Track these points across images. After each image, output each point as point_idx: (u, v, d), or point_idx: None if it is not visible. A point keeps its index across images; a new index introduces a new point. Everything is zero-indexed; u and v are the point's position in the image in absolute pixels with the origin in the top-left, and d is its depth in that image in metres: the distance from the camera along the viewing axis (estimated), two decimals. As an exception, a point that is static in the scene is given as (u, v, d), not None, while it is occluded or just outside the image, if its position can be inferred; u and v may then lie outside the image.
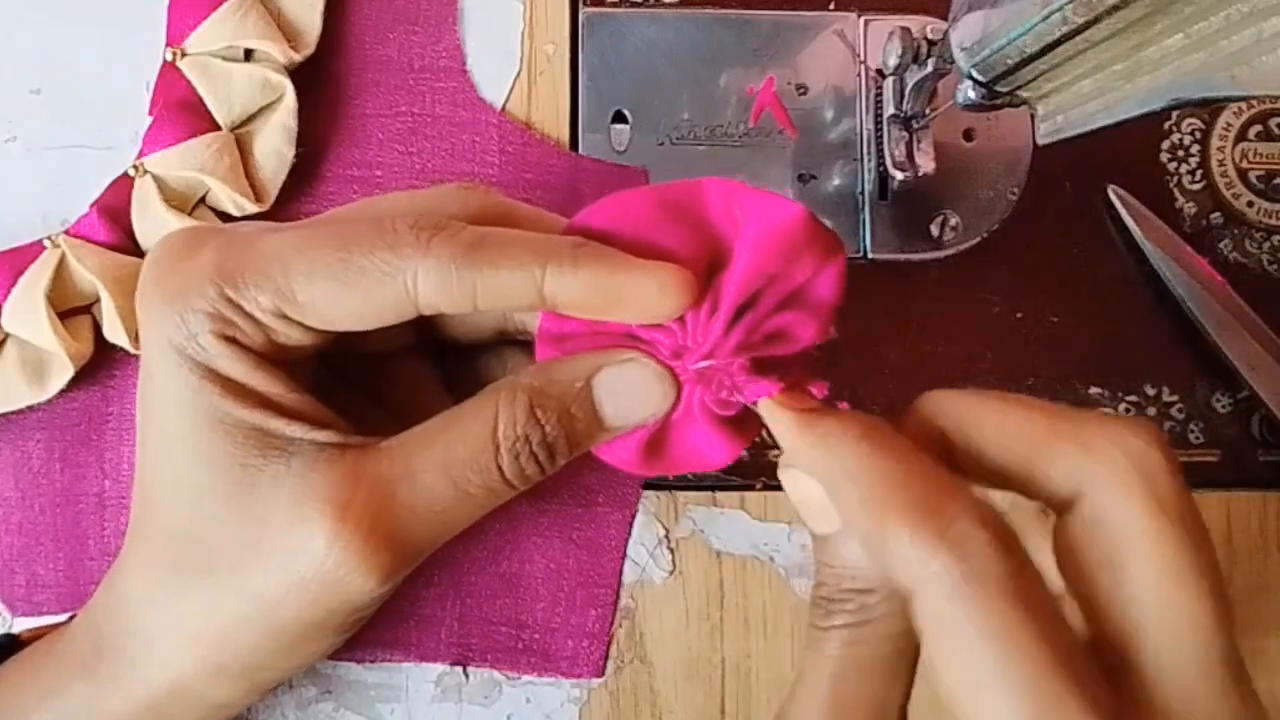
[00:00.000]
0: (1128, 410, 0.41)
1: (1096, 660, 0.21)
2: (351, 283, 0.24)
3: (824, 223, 0.26)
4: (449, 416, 0.27)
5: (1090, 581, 0.22)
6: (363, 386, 0.31)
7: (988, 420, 0.24)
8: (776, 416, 0.24)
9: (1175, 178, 0.42)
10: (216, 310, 0.25)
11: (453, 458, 0.26)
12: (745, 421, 0.27)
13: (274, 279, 0.25)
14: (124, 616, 0.28)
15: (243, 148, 0.38)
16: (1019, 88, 0.29)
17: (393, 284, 0.24)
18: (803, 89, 0.41)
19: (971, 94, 0.30)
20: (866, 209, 0.41)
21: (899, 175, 0.38)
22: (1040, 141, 0.30)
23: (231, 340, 0.25)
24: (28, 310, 0.35)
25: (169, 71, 0.37)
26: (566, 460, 0.27)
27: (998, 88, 0.30)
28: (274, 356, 0.26)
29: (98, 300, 0.36)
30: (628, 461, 0.28)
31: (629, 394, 0.26)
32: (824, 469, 0.23)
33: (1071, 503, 0.22)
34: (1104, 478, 0.22)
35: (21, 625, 0.32)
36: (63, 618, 0.33)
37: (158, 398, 0.26)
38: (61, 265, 0.36)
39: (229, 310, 0.25)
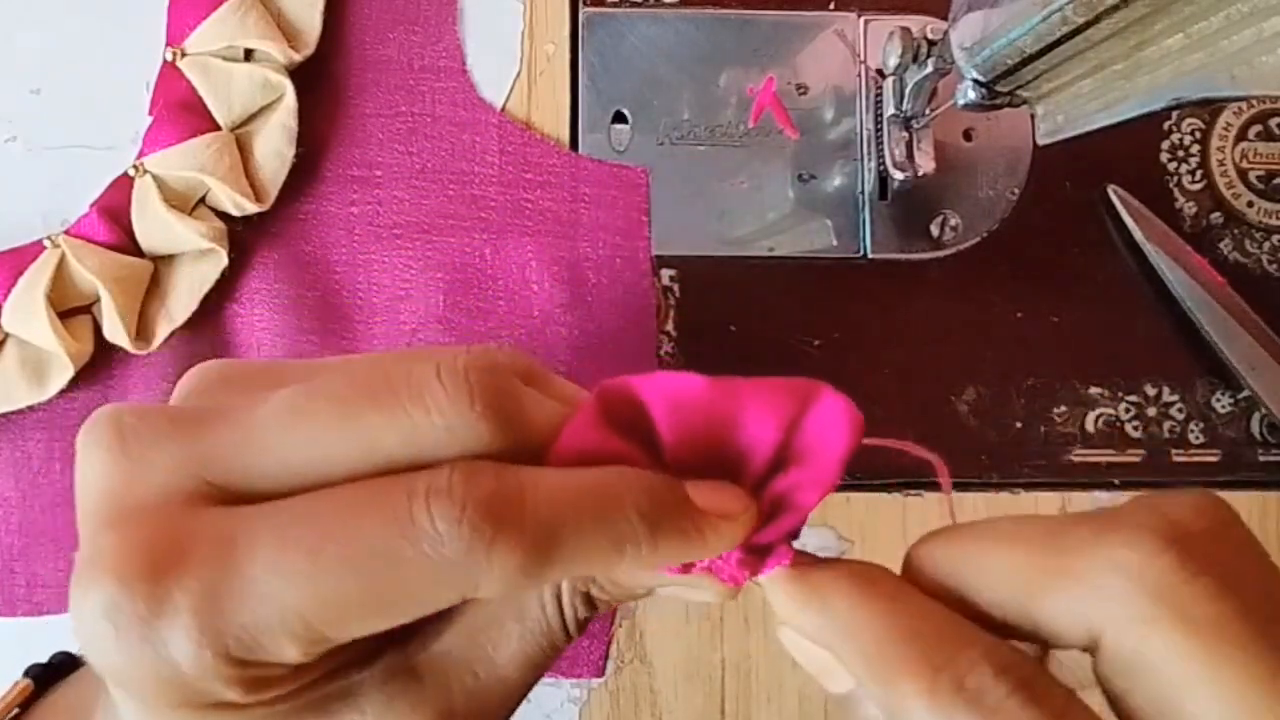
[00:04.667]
0: (1127, 410, 0.41)
1: None
2: (389, 612, 0.19)
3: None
4: (506, 606, 0.23)
5: None
6: None
7: (972, 571, 0.21)
8: (764, 579, 0.22)
9: (1175, 178, 0.42)
10: (230, 675, 0.19)
11: (530, 647, 0.23)
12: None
13: (293, 631, 0.19)
14: None
15: (243, 148, 0.38)
16: (1019, 88, 0.29)
17: (445, 599, 0.20)
18: (803, 89, 0.41)
19: (971, 94, 0.30)
20: (866, 209, 0.41)
21: (899, 175, 0.38)
22: (1040, 141, 0.30)
23: (258, 681, 0.20)
24: (28, 310, 0.35)
25: (169, 71, 0.37)
26: None
27: (998, 88, 0.30)
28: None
29: (98, 300, 0.36)
30: None
31: (684, 593, 0.24)
32: (819, 631, 0.21)
33: (1094, 647, 0.19)
34: (1116, 617, 0.19)
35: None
36: (54, 621, 0.32)
37: None
38: (61, 265, 0.36)
39: (244, 671, 0.19)
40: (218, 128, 0.37)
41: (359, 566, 0.19)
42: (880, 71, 0.40)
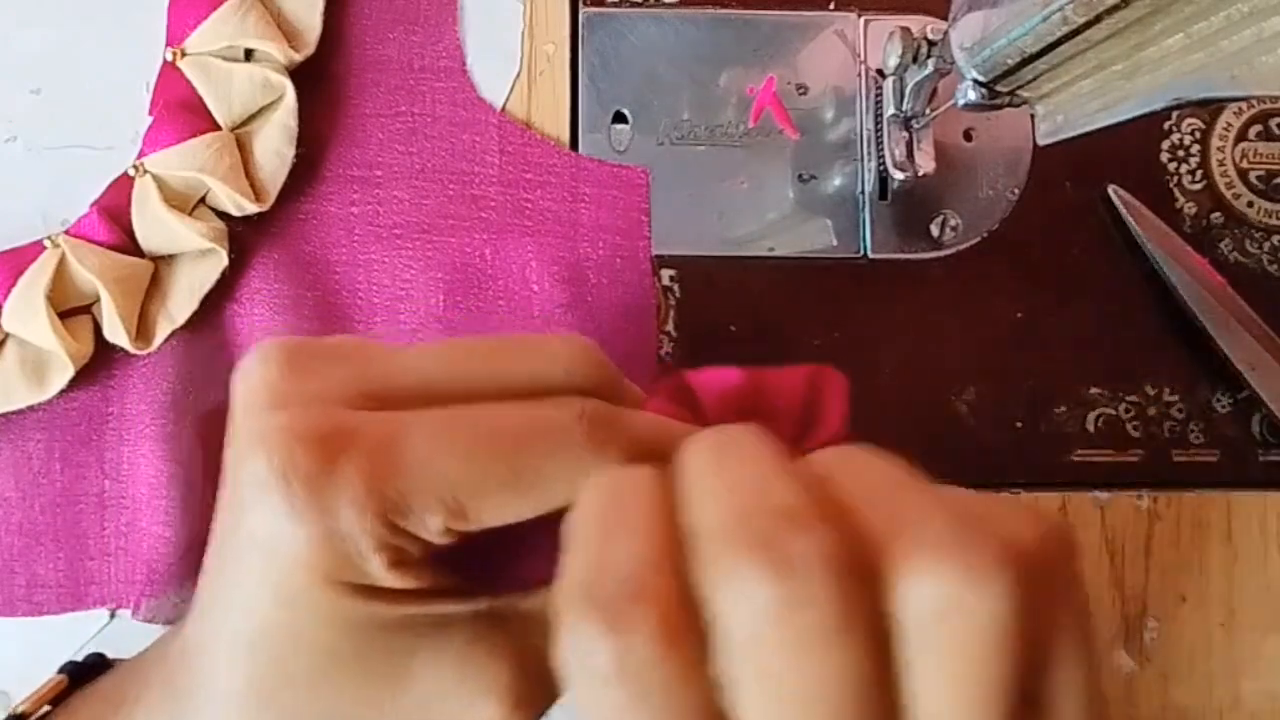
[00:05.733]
0: (1127, 410, 0.41)
1: None
2: (526, 493, 0.23)
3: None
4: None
5: None
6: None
7: None
8: None
9: (1175, 178, 0.42)
10: (383, 540, 0.22)
11: None
12: None
13: (444, 500, 0.22)
14: None
15: (243, 148, 0.38)
16: (1019, 88, 0.29)
17: (570, 488, 0.22)
18: (803, 89, 0.41)
19: (972, 94, 0.30)
20: (866, 209, 0.41)
21: (899, 175, 0.38)
22: (1040, 141, 0.30)
23: (400, 561, 0.23)
24: (28, 310, 0.35)
25: (169, 71, 0.37)
26: None
27: (998, 88, 0.30)
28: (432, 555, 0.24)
29: (98, 300, 0.36)
30: None
31: None
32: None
33: None
34: None
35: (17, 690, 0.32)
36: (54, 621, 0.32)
37: (307, 618, 0.23)
38: (61, 265, 0.36)
39: (395, 538, 0.22)
40: (218, 128, 0.37)
41: (503, 445, 0.23)
42: (880, 71, 0.40)
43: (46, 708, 0.30)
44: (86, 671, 0.32)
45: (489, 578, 0.26)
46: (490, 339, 0.25)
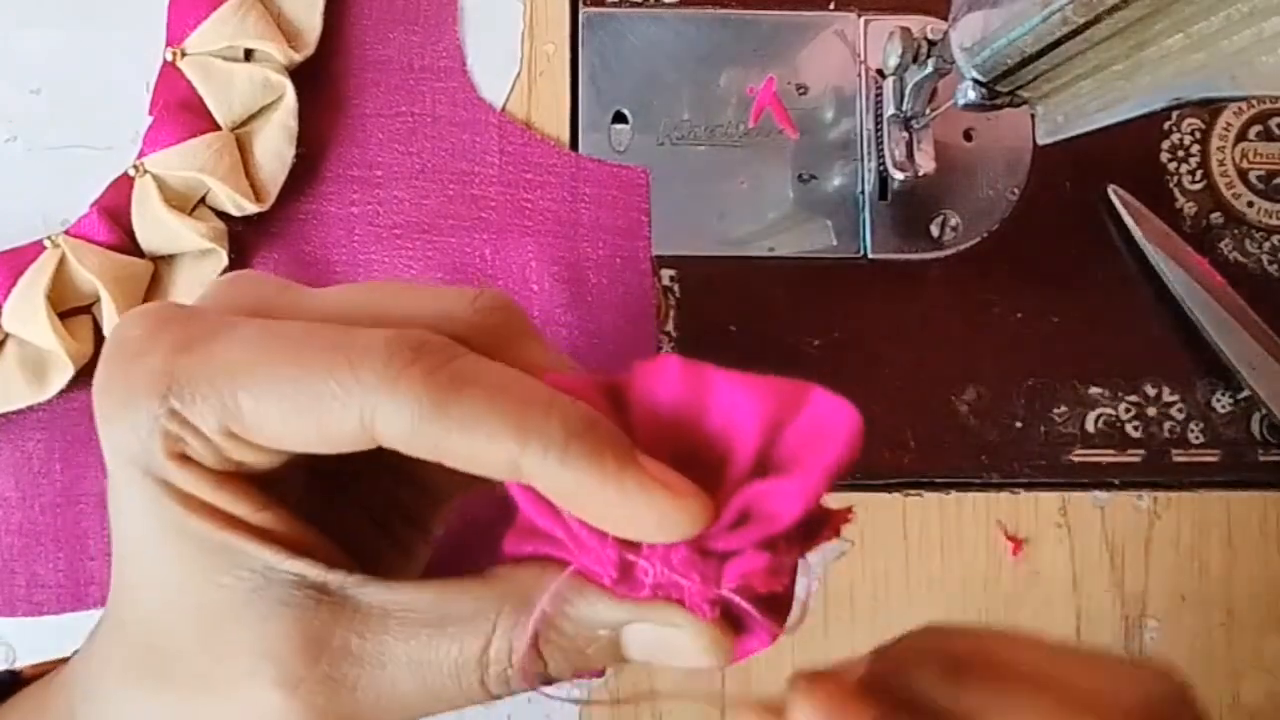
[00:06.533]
0: (1127, 410, 0.41)
1: None
2: (302, 407, 0.20)
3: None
4: (439, 605, 0.22)
5: None
6: (356, 493, 0.27)
7: None
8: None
9: (1175, 178, 0.42)
10: (164, 426, 0.21)
11: (431, 661, 0.22)
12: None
13: (220, 394, 0.21)
14: (93, 699, 0.26)
15: (243, 148, 0.38)
16: (1019, 88, 0.29)
17: (346, 414, 0.20)
18: (803, 89, 0.41)
19: (971, 94, 0.30)
20: (866, 209, 0.41)
21: (899, 175, 0.38)
22: (1040, 141, 0.30)
23: (184, 457, 0.22)
24: (28, 310, 0.35)
25: (169, 71, 0.37)
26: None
27: (998, 88, 0.30)
28: (236, 472, 0.22)
29: (98, 300, 0.36)
30: None
31: (667, 651, 0.22)
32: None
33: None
34: None
35: (24, 662, 0.32)
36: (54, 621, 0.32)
37: (121, 502, 0.23)
38: (61, 265, 0.36)
39: (176, 425, 0.21)
40: (218, 128, 0.37)
41: (293, 357, 0.21)
42: (880, 71, 0.40)
43: None
44: (14, 682, 0.31)
45: (368, 557, 0.24)
46: (404, 282, 0.24)
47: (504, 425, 0.20)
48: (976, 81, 0.30)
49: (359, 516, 0.26)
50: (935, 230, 0.40)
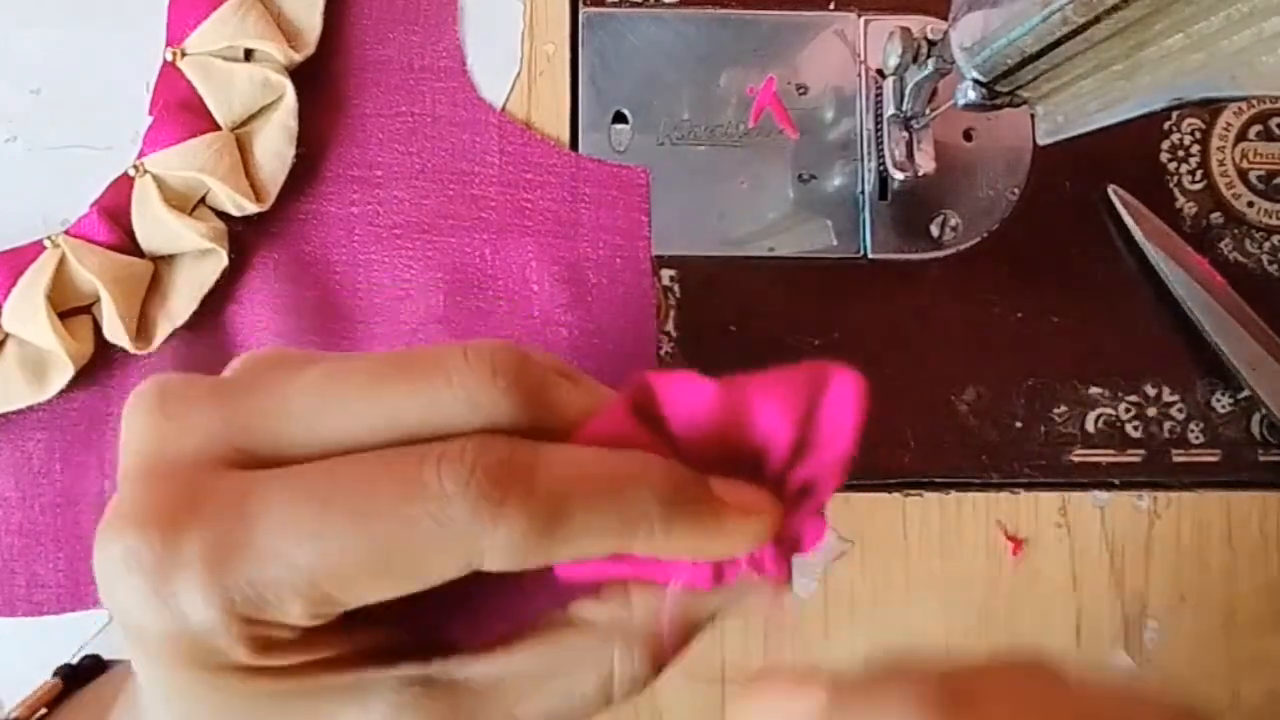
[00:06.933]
0: (1127, 410, 0.41)
1: None
2: (399, 573, 0.19)
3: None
4: (546, 657, 0.22)
5: None
6: None
7: None
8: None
9: (1175, 178, 0.42)
10: (237, 629, 0.19)
11: (559, 705, 0.22)
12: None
13: (299, 589, 0.19)
14: None
15: (243, 148, 0.38)
16: (1019, 88, 0.29)
17: (450, 565, 0.19)
18: (803, 89, 0.41)
19: (971, 94, 0.30)
20: (866, 209, 0.41)
21: (899, 175, 0.38)
22: (1040, 141, 0.30)
23: (267, 643, 0.20)
24: (28, 310, 0.35)
25: (169, 71, 0.37)
26: None
27: (998, 88, 0.30)
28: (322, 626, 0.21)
29: (98, 300, 0.36)
30: None
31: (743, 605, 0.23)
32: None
33: None
34: None
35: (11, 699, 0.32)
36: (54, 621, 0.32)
37: (183, 704, 0.21)
38: (61, 265, 0.36)
39: (251, 629, 0.19)
40: (218, 128, 0.37)
41: (366, 524, 0.19)
42: (880, 71, 0.40)
43: (43, 711, 0.30)
44: (81, 674, 0.31)
45: (429, 635, 0.24)
46: (389, 358, 0.21)
47: (611, 527, 0.20)
48: (976, 81, 0.30)
49: (414, 604, 0.25)
50: (935, 230, 0.40)
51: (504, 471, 0.19)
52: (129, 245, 0.37)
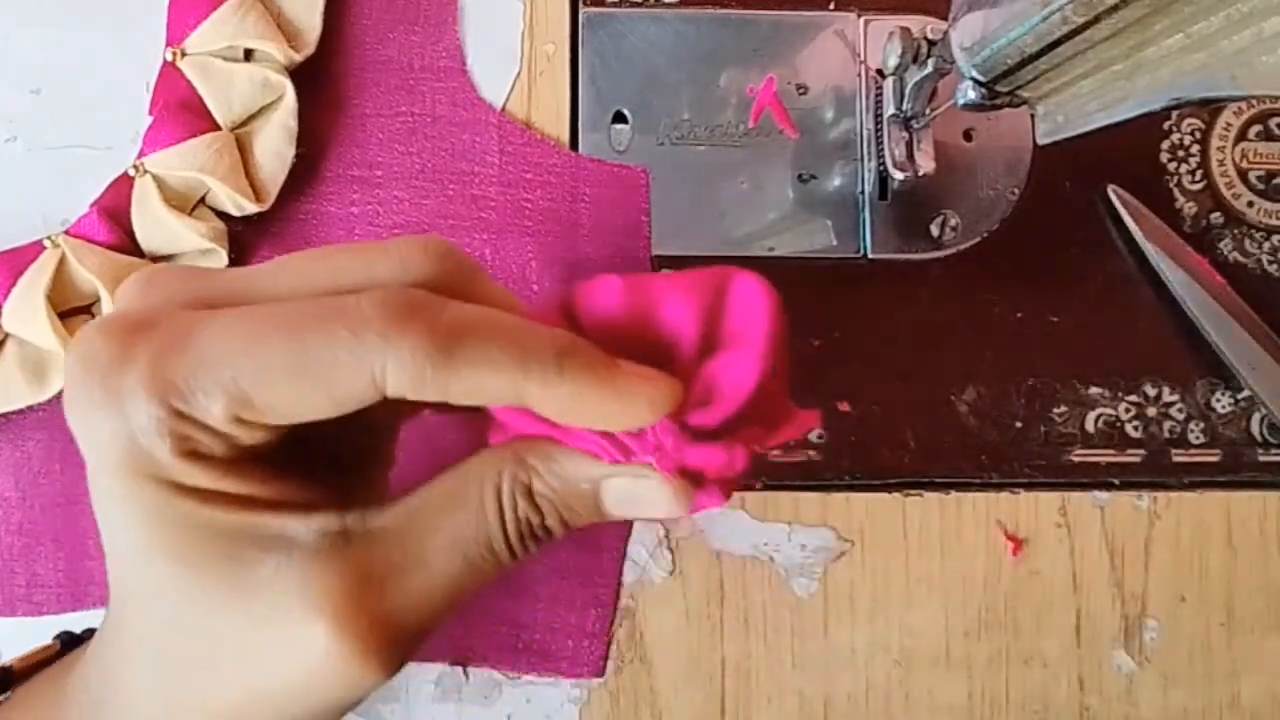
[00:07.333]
0: (1127, 410, 0.41)
1: None
2: (312, 379, 0.22)
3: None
4: (448, 490, 0.25)
5: None
6: (343, 432, 0.29)
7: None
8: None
9: (1175, 178, 0.42)
10: (169, 427, 0.22)
11: (463, 538, 0.24)
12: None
13: (223, 385, 0.22)
14: (120, 692, 0.27)
15: (243, 148, 0.38)
16: (1019, 88, 0.29)
17: (357, 376, 0.22)
18: (803, 89, 0.41)
19: (971, 94, 0.30)
20: (866, 209, 0.41)
21: (899, 175, 0.38)
22: (1040, 141, 0.30)
23: (192, 453, 0.23)
24: (28, 310, 0.35)
25: (169, 71, 0.37)
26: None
27: (998, 88, 0.30)
28: (243, 454, 0.24)
29: (98, 300, 0.36)
30: None
31: (638, 502, 0.25)
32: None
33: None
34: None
35: (10, 656, 0.33)
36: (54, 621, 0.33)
37: (121, 514, 0.24)
38: (61, 265, 0.36)
39: (180, 425, 0.22)
40: (218, 128, 0.37)
41: (289, 330, 0.22)
42: (880, 71, 0.40)
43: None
44: (78, 642, 0.32)
45: (344, 495, 0.26)
46: (339, 245, 0.25)
47: (506, 360, 0.22)
48: (976, 81, 0.30)
49: (330, 467, 0.28)
50: (935, 230, 0.40)
51: (416, 301, 0.22)
52: (129, 245, 0.37)
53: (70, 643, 0.32)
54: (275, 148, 0.38)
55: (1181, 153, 0.42)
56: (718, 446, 0.24)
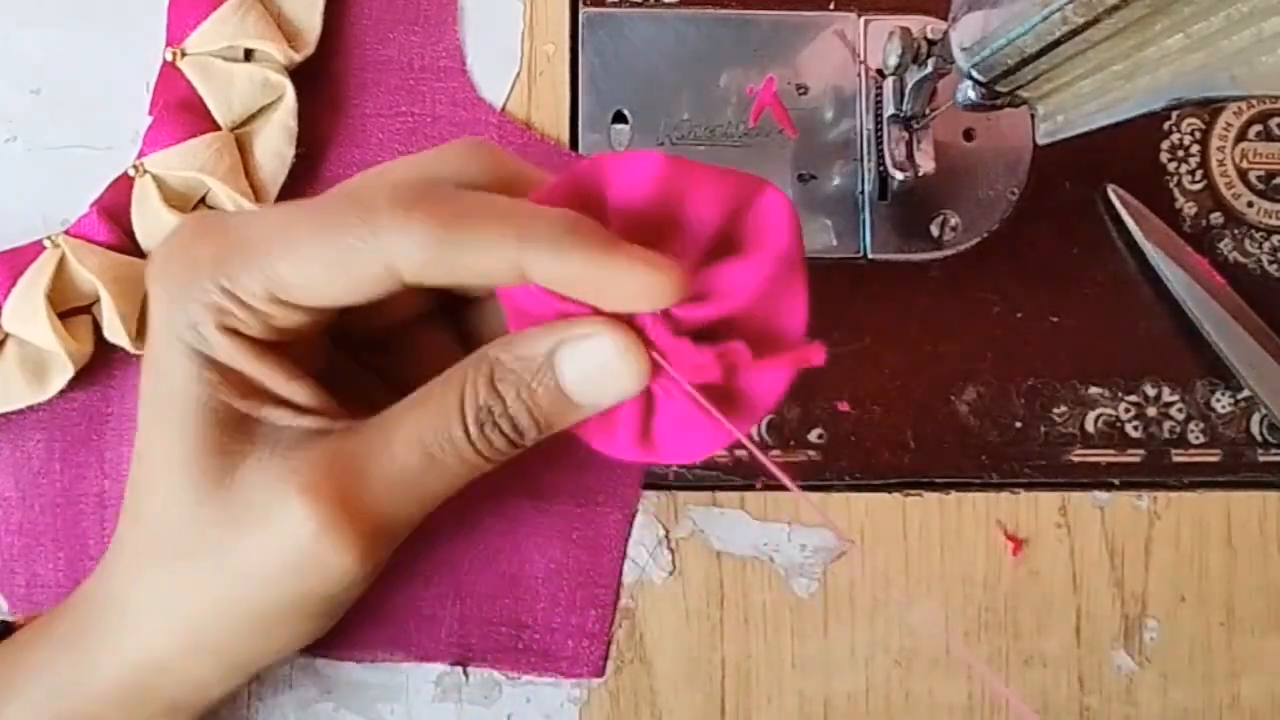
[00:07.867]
0: (1127, 410, 0.41)
1: None
2: (333, 262, 0.24)
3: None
4: (424, 389, 0.27)
5: None
6: (379, 367, 0.31)
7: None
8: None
9: (1175, 178, 0.42)
10: (215, 301, 0.25)
11: (424, 429, 0.26)
12: (730, 402, 0.26)
13: (261, 265, 0.25)
14: (110, 594, 0.29)
15: (243, 148, 0.38)
16: (1019, 88, 0.29)
17: (373, 261, 0.24)
18: (803, 89, 0.41)
19: (971, 94, 0.30)
20: (866, 209, 0.41)
21: (899, 175, 0.38)
22: (1040, 141, 0.30)
23: (232, 331, 0.26)
24: (28, 310, 0.35)
25: (169, 71, 0.37)
26: (540, 436, 0.26)
27: (998, 88, 0.30)
28: (276, 341, 0.27)
29: (98, 300, 0.36)
30: (616, 447, 0.27)
31: (594, 371, 0.25)
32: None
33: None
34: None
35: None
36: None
37: (159, 385, 0.27)
38: (61, 265, 0.36)
39: (226, 300, 0.25)
40: (218, 128, 0.37)
41: (318, 221, 0.25)
42: (880, 71, 0.40)
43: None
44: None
45: (363, 402, 0.28)
46: (399, 158, 0.28)
47: (504, 235, 0.23)
48: (976, 81, 0.30)
49: (372, 381, 0.30)
50: (935, 230, 0.40)
51: (423, 190, 0.24)
52: (129, 245, 0.37)
53: (5, 632, 0.33)
54: (275, 148, 0.38)
55: (1181, 153, 0.42)
56: (704, 347, 0.24)
